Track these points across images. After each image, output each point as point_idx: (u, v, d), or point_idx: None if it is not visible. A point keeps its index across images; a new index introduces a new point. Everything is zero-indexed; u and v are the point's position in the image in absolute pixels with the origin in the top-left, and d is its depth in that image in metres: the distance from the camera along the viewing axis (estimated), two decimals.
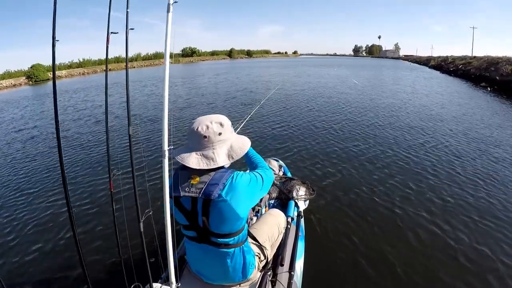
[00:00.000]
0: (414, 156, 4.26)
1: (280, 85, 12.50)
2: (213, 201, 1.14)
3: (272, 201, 2.29)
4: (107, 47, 1.31)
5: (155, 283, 1.32)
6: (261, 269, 1.45)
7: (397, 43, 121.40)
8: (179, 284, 1.14)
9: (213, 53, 67.39)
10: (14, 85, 26.55)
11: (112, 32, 1.27)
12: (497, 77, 12.50)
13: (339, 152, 4.51)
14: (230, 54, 67.87)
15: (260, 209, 2.09)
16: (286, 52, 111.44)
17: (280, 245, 1.66)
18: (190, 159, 1.17)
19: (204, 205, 1.16)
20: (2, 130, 7.51)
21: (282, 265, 1.55)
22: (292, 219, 1.98)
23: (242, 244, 1.27)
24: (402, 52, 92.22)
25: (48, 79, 29.71)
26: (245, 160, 1.42)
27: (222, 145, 1.22)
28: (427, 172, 3.71)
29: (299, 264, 1.76)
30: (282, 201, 2.28)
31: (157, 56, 52.20)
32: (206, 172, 1.18)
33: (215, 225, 1.18)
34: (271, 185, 1.37)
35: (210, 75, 20.97)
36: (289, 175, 2.77)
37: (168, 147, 1.08)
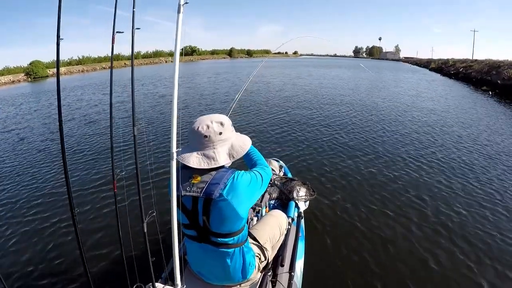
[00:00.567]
0: (422, 163, 4.11)
1: (282, 85, 12.44)
2: (214, 200, 1.14)
3: (273, 202, 2.29)
4: (112, 47, 1.31)
5: (157, 283, 1.32)
6: (262, 269, 1.45)
7: (398, 45, 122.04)
8: (184, 286, 1.15)
9: (213, 52, 67.32)
10: (13, 82, 26.42)
11: (118, 32, 1.27)
12: (498, 81, 12.32)
13: (340, 153, 4.52)
14: (230, 53, 67.85)
15: (261, 209, 2.09)
16: (286, 52, 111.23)
17: (281, 246, 1.67)
18: (191, 159, 1.18)
19: (205, 205, 1.16)
20: (3, 129, 7.47)
21: (282, 266, 1.55)
22: (293, 219, 1.98)
23: (242, 245, 1.27)
24: (402, 54, 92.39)
25: (47, 76, 29.61)
26: (244, 158, 1.40)
27: (222, 145, 1.22)
28: (430, 174, 3.68)
29: (299, 264, 1.76)
30: (282, 201, 2.27)
31: (157, 54, 52.12)
32: (207, 172, 1.19)
33: (216, 224, 1.18)
34: (269, 182, 1.36)
35: (210, 74, 20.91)
36: (289, 175, 2.77)
37: (176, 149, 1.08)
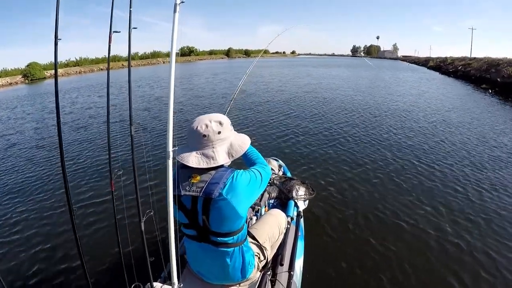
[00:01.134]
0: (421, 163, 4.07)
1: (281, 85, 12.40)
2: (213, 200, 1.14)
3: (272, 201, 2.29)
4: (109, 46, 1.30)
5: (155, 283, 1.32)
6: (261, 269, 1.45)
7: (396, 43, 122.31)
8: (181, 285, 1.14)
9: (211, 52, 67.22)
10: (10, 84, 26.29)
11: (114, 31, 1.26)
12: (498, 79, 12.23)
13: (339, 152, 4.52)
14: (228, 53, 67.73)
15: (260, 208, 2.08)
16: (284, 52, 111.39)
17: (280, 245, 1.67)
18: (190, 158, 1.18)
19: (204, 204, 1.16)
20: (2, 129, 7.44)
21: (281, 265, 1.55)
22: (292, 219, 1.98)
23: (241, 244, 1.27)
24: (400, 53, 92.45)
25: (45, 78, 29.48)
26: (243, 157, 1.39)
27: (221, 144, 1.22)
28: (435, 176, 3.63)
29: (298, 263, 1.76)
30: (281, 201, 2.27)
31: (154, 55, 52.00)
32: (206, 171, 1.19)
33: (215, 224, 1.18)
34: (268, 181, 1.35)
35: (208, 74, 20.85)
36: (289, 175, 2.77)
37: (172, 148, 1.08)
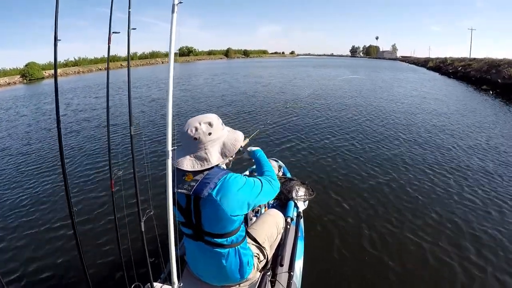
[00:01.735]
0: (421, 162, 4.06)
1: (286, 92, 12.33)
2: (202, 199, 1.14)
3: (272, 202, 2.29)
4: (108, 47, 1.30)
5: (155, 283, 1.32)
6: (261, 269, 1.45)
7: (395, 44, 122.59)
8: (181, 284, 1.14)
9: (209, 53, 67.16)
10: (9, 83, 26.18)
11: (114, 32, 1.26)
12: (499, 80, 12.08)
13: (340, 153, 4.51)
14: (227, 53, 67.68)
15: (260, 209, 2.09)
16: (283, 52, 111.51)
17: (280, 245, 1.66)
18: (185, 162, 1.18)
19: (194, 203, 1.17)
20: (2, 128, 7.43)
21: (281, 265, 1.55)
22: (292, 219, 1.98)
23: (237, 245, 1.26)
24: (399, 53, 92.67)
25: (43, 78, 29.38)
26: (254, 166, 1.42)
27: (213, 144, 1.22)
28: (438, 177, 3.61)
29: (298, 264, 1.76)
30: (281, 201, 2.28)
31: (153, 55, 51.92)
32: (200, 171, 1.19)
33: (207, 224, 1.19)
34: (272, 197, 1.33)
35: (207, 75, 20.77)
36: (288, 175, 2.77)
37: (171, 147, 1.08)
